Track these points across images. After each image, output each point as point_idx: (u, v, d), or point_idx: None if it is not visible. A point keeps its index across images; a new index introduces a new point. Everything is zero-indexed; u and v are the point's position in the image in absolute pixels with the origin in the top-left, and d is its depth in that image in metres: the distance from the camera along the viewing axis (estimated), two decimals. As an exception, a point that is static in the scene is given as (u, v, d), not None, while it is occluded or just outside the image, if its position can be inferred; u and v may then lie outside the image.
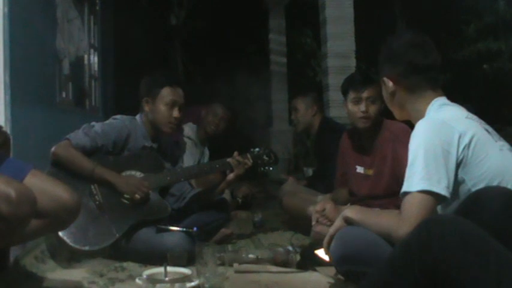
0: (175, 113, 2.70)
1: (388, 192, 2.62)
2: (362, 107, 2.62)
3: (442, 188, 1.52)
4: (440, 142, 1.56)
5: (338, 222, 1.80)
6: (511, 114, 9.24)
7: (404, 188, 1.58)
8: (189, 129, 3.95)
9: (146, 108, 2.73)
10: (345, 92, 2.75)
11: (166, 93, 2.70)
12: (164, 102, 2.69)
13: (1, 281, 1.95)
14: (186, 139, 3.90)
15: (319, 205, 2.39)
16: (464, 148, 1.56)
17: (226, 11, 8.73)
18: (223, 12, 8.72)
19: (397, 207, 2.27)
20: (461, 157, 1.56)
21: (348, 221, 1.77)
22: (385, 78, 1.80)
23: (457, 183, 1.56)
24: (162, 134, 2.77)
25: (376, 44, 1.85)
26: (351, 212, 1.78)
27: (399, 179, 2.57)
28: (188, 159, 3.74)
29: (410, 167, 1.59)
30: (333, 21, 5.23)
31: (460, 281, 1.20)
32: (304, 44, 10.09)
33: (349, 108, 2.70)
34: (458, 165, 1.56)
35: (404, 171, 2.52)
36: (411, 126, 2.64)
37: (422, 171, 1.54)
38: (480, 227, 1.27)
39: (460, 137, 1.56)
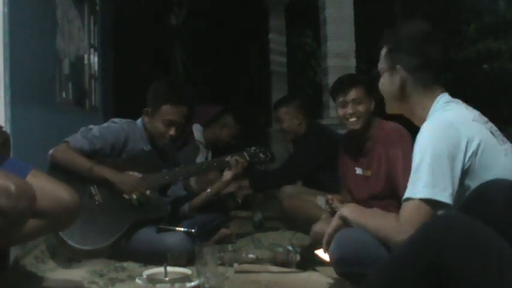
0: (172, 131, 2.69)
1: (386, 192, 2.62)
2: (349, 109, 2.67)
3: (446, 196, 1.47)
4: (447, 147, 1.50)
5: (335, 221, 1.77)
6: (511, 114, 9.23)
7: (408, 194, 1.53)
8: (198, 132, 3.95)
9: (146, 118, 2.74)
10: (334, 98, 2.78)
11: (167, 111, 2.67)
12: (162, 119, 2.67)
13: (1, 281, 1.95)
14: (198, 143, 3.91)
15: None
16: (471, 155, 1.51)
17: (227, 11, 8.72)
18: (223, 12, 8.72)
19: (398, 209, 2.27)
20: (468, 164, 1.51)
21: (345, 220, 1.74)
22: (398, 67, 1.72)
23: (462, 190, 1.51)
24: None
25: (376, 44, 1.82)
26: (347, 210, 1.75)
27: (394, 178, 2.59)
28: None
29: (415, 172, 1.53)
30: (333, 21, 5.23)
31: (463, 279, 1.20)
32: (304, 44, 10.09)
33: (339, 112, 2.74)
34: (464, 172, 1.51)
35: (397, 171, 2.55)
36: (407, 126, 2.67)
37: (428, 178, 1.49)
38: (485, 221, 1.25)
39: (467, 143, 1.51)
